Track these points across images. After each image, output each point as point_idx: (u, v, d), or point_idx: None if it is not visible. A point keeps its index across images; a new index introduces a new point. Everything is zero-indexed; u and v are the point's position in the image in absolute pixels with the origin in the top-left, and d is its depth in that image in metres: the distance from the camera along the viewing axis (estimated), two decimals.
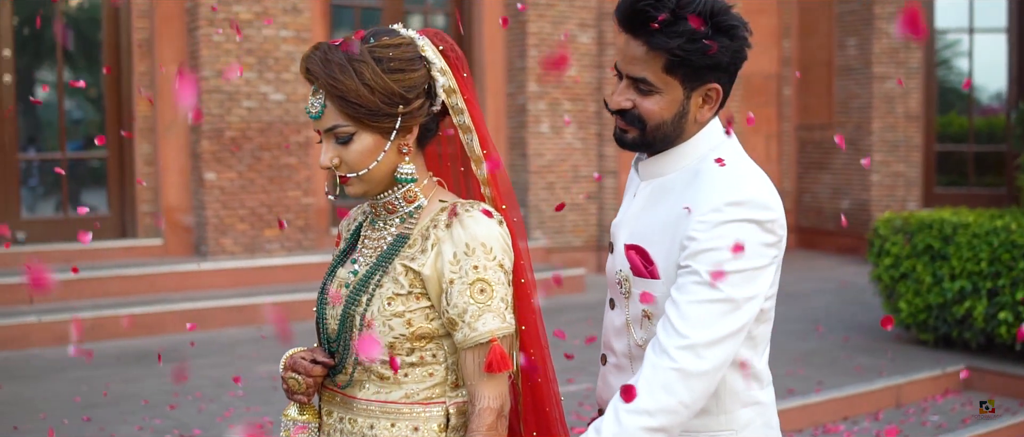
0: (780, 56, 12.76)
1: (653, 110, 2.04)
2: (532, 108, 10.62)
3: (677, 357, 1.90)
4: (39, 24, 9.16)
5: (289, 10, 9.25)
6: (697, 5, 1.97)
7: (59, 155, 9.24)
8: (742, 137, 12.11)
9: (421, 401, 2.03)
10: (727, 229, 1.93)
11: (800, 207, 12.99)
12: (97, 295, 8.18)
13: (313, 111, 1.99)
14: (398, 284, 2.00)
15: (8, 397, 6.04)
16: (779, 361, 6.78)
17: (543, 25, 10.61)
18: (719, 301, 1.91)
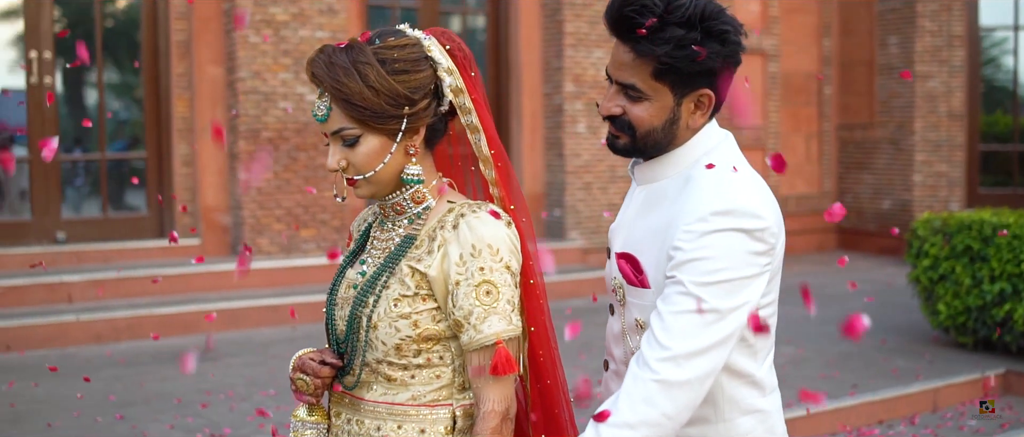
0: (820, 55, 12.62)
1: (643, 117, 2.00)
2: (568, 108, 10.58)
3: (657, 368, 1.86)
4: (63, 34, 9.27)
5: (325, 11, 9.29)
6: (686, 10, 1.92)
7: (99, 156, 9.34)
8: (785, 138, 12.06)
9: (428, 403, 2.02)
10: (713, 239, 1.89)
11: None
12: (134, 295, 8.26)
13: (319, 114, 1.99)
14: (404, 285, 1.99)
15: (44, 395, 6.11)
16: (814, 364, 6.74)
17: (580, 25, 10.57)
18: (704, 312, 1.87)
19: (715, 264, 1.87)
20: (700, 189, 1.96)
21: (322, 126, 2.01)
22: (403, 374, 2.02)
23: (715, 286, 1.87)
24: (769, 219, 1.93)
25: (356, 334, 2.03)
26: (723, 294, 1.87)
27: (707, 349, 1.87)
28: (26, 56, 8.73)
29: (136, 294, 8.27)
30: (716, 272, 1.87)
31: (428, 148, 2.10)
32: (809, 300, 1.87)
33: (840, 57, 12.70)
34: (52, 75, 8.83)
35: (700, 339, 1.86)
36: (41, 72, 8.77)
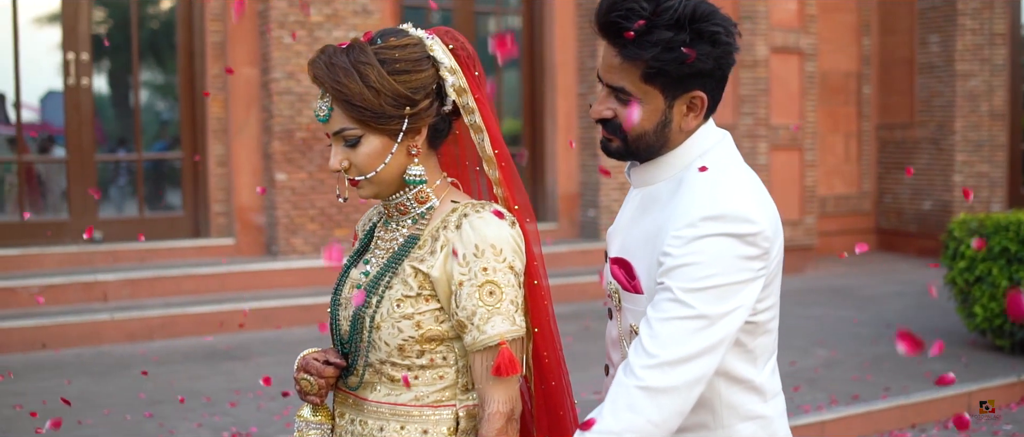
0: (860, 54, 12.47)
1: (634, 120, 1.96)
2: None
3: (643, 375, 1.82)
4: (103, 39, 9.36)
5: (359, 12, 9.32)
6: (675, 12, 1.88)
7: (136, 156, 9.44)
8: (823, 137, 11.93)
9: (431, 404, 2.02)
10: (702, 244, 1.85)
11: (880, 208, 12.69)
12: (169, 293, 8.34)
13: (320, 114, 1.99)
14: (407, 286, 1.99)
15: (77, 392, 6.18)
16: (846, 366, 6.66)
17: None
18: (691, 318, 1.83)
19: (704, 270, 1.84)
20: (691, 193, 1.92)
21: (324, 126, 2.01)
22: (406, 375, 2.02)
23: (704, 292, 1.83)
24: (762, 223, 1.89)
25: (359, 334, 2.03)
26: (712, 300, 1.84)
27: (695, 355, 1.83)
28: (64, 58, 8.83)
29: (170, 293, 8.34)
30: (705, 278, 1.83)
31: (431, 148, 2.09)
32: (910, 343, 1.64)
33: (880, 56, 12.55)
34: (89, 76, 8.93)
35: (687, 345, 1.83)
36: (79, 74, 8.88)
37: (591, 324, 8.33)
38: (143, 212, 9.34)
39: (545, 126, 10.86)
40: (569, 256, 10.19)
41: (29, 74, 8.86)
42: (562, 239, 10.72)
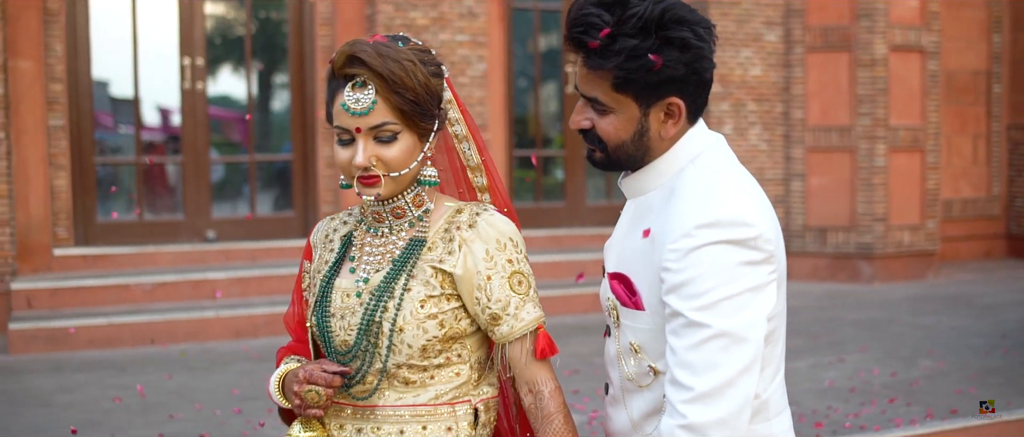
0: (989, 52, 11.92)
1: (609, 130, 1.92)
2: (714, 109, 10.35)
3: (685, 411, 1.76)
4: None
5: (465, 15, 9.38)
6: (640, 19, 1.82)
7: (247, 158, 9.70)
8: (949, 138, 11.44)
9: (449, 401, 2.03)
10: (700, 255, 1.77)
11: (1011, 213, 12.10)
12: (276, 292, 8.53)
13: (361, 107, 1.92)
14: (429, 286, 1.99)
15: (175, 387, 6.38)
16: (951, 378, 6.37)
17: (726, 24, 10.33)
18: (714, 337, 1.75)
19: (707, 283, 1.76)
20: (683, 201, 1.86)
21: (359, 120, 1.93)
22: (422, 376, 2.01)
23: (715, 308, 1.75)
24: (760, 225, 1.81)
25: (374, 340, 1.99)
26: (727, 314, 1.76)
27: (734, 379, 1.76)
28: (180, 63, 9.14)
29: (277, 292, 8.54)
30: (710, 292, 1.76)
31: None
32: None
33: (1012, 53, 11.97)
34: (204, 80, 9.22)
35: (723, 370, 1.75)
36: (194, 78, 9.17)
37: None
38: (255, 212, 9.60)
39: None
40: None
41: (147, 78, 9.19)
42: None
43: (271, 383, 2.10)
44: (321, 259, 2.15)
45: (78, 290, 8.07)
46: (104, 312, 7.82)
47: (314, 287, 2.11)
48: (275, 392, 2.09)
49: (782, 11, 10.53)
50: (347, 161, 1.97)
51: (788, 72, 10.57)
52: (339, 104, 1.94)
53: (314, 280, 2.12)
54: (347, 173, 1.99)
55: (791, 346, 7.40)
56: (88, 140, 8.92)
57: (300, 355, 2.16)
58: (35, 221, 8.45)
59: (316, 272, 2.13)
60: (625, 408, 2.02)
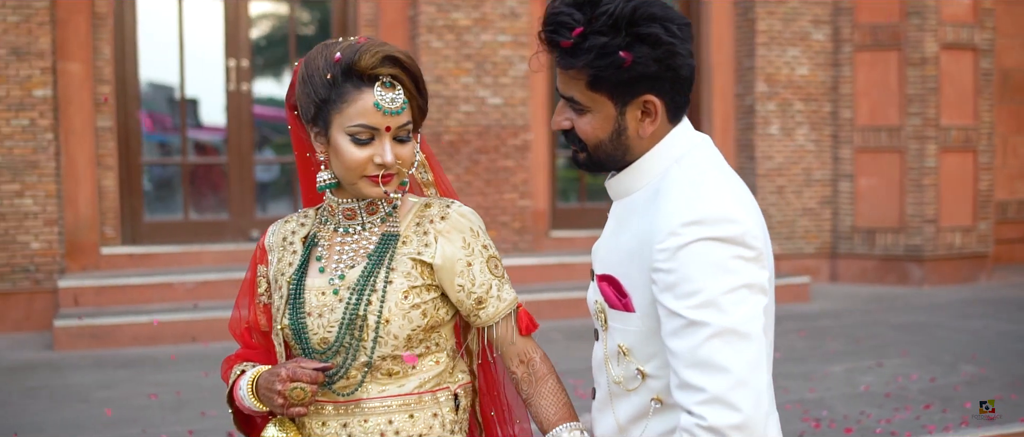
0: None
1: (587, 130, 1.91)
2: (760, 109, 10.25)
3: (703, 413, 1.72)
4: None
5: (507, 15, 9.38)
6: (610, 17, 1.81)
7: (291, 158, 9.81)
8: (1005, 138, 11.19)
9: (432, 389, 2.09)
10: (688, 254, 1.75)
11: None
12: None
13: (396, 106, 1.98)
14: (411, 277, 2.04)
15: (211, 384, 6.45)
16: (992, 385, 6.22)
17: (773, 22, 10.21)
18: (716, 335, 1.72)
19: (700, 280, 1.74)
20: (668, 200, 1.83)
21: (391, 119, 1.99)
22: (405, 366, 2.06)
23: (713, 305, 1.73)
24: (746, 222, 1.78)
25: (358, 334, 2.02)
26: (727, 310, 1.72)
27: (745, 378, 1.71)
28: (226, 64, 9.26)
29: None
30: (705, 289, 1.73)
31: None
32: None
33: None
34: (249, 82, 9.33)
35: (732, 370, 1.71)
36: (239, 79, 9.29)
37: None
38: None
39: (701, 128, 10.62)
40: None
41: (193, 80, 9.34)
42: None
43: (242, 388, 2.09)
44: (283, 261, 2.15)
45: (124, 288, 8.21)
46: (148, 310, 7.95)
47: (281, 289, 2.12)
48: (248, 397, 2.08)
49: (830, 9, 10.38)
50: (366, 160, 1.98)
51: (836, 71, 10.43)
52: (369, 103, 1.97)
53: (278, 282, 2.13)
54: (359, 171, 2.00)
55: (830, 350, 7.30)
56: (135, 141, 9.07)
57: (253, 361, 2.17)
58: (83, 220, 8.62)
59: (279, 274, 2.13)
60: (612, 412, 2.01)
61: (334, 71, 1.99)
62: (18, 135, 8.16)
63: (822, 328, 8.19)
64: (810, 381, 6.38)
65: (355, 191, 2.04)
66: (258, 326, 2.19)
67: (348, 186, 2.04)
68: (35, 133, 8.20)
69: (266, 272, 2.18)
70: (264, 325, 2.18)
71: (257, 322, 2.19)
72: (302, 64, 2.06)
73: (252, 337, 2.20)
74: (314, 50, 2.06)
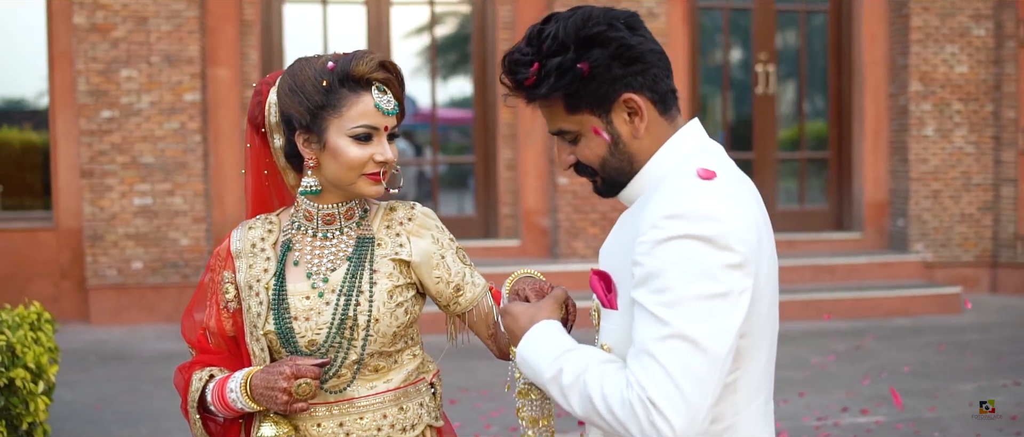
0: None
1: (587, 154, 1.88)
2: (915, 109, 9.78)
3: (640, 413, 1.66)
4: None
5: (645, 16, 9.26)
6: (555, 38, 1.81)
7: (430, 160, 9.99)
8: None
9: (414, 381, 2.21)
10: (667, 248, 1.69)
11: None
12: None
13: (391, 107, 2.11)
14: (393, 277, 2.14)
15: None
16: None
17: (929, 18, 9.73)
18: (672, 337, 1.65)
19: (673, 278, 1.67)
20: (659, 195, 1.79)
21: (389, 119, 2.12)
22: (389, 361, 2.16)
23: (679, 306, 1.66)
24: (731, 223, 1.70)
25: (348, 334, 2.10)
26: (692, 317, 1.66)
27: (686, 391, 1.64)
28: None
29: None
30: (676, 288, 1.67)
31: None
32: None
33: None
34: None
35: (675, 378, 1.64)
36: None
37: (867, 343, 7.79)
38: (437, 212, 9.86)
39: (852, 129, 10.25)
40: (870, 268, 9.56)
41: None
42: (867, 250, 10.09)
43: (233, 391, 2.12)
44: (255, 268, 2.19)
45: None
46: None
47: (258, 295, 2.16)
48: (242, 398, 2.10)
49: (992, 3, 9.81)
50: (367, 158, 2.09)
51: (998, 69, 9.84)
52: (370, 105, 2.09)
53: (254, 289, 2.17)
54: (360, 170, 2.10)
55: (966, 366, 6.92)
56: None
57: (215, 366, 2.21)
58: (230, 218, 9.02)
59: (252, 280, 2.17)
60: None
61: (330, 78, 2.08)
62: (170, 138, 8.62)
63: (964, 342, 7.76)
64: (933, 399, 6.06)
65: (352, 190, 2.13)
66: (222, 331, 2.22)
67: (345, 187, 2.12)
68: (185, 135, 8.65)
69: (233, 278, 2.20)
70: (230, 330, 2.21)
71: (221, 327, 2.22)
72: (284, 78, 2.14)
73: (209, 341, 2.24)
74: (294, 65, 2.14)
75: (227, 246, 2.24)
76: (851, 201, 10.33)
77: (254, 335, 2.15)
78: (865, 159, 10.14)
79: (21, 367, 3.97)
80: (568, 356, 1.79)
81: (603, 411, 1.71)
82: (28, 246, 8.98)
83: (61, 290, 8.94)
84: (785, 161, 10.56)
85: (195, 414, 2.20)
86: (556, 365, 1.79)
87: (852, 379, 6.60)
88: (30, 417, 3.99)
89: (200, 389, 2.18)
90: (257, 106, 2.21)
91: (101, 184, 8.62)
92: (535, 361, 1.83)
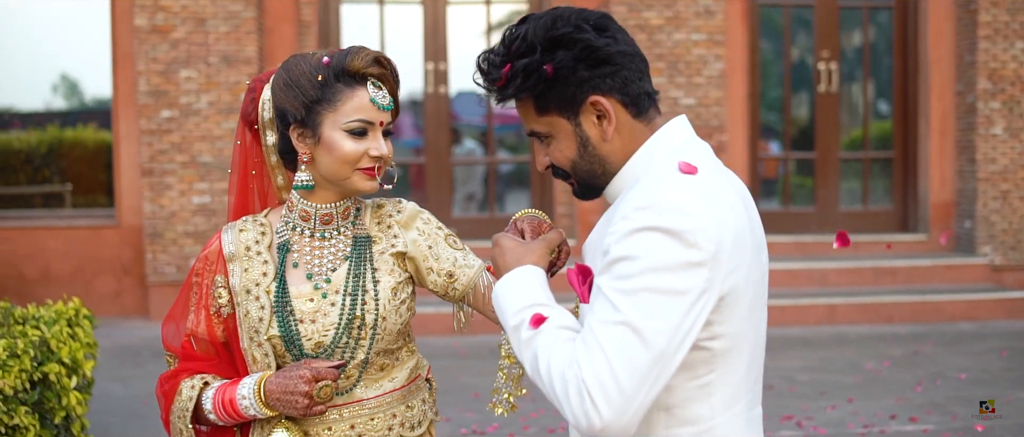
0: None
1: (558, 156, 1.88)
2: (983, 107, 9.50)
3: (573, 394, 1.63)
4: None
5: (701, 13, 9.17)
6: (524, 40, 1.80)
7: (484, 160, 9.98)
8: None
9: (414, 378, 2.24)
10: (633, 238, 1.66)
11: None
12: None
13: (386, 103, 2.11)
14: (395, 273, 2.15)
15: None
16: None
17: (998, 14, 9.44)
18: (619, 324, 1.62)
19: (632, 267, 1.64)
20: (638, 187, 1.77)
21: (384, 114, 2.12)
22: (391, 359, 2.18)
23: (633, 296, 1.63)
24: (701, 219, 1.66)
25: (356, 333, 2.10)
26: (643, 309, 1.62)
27: (622, 382, 1.61)
28: (424, 67, 9.55)
29: None
30: (635, 277, 1.64)
31: None
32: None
33: None
34: (446, 84, 9.58)
35: (614, 365, 1.61)
36: (437, 82, 9.56)
37: (926, 348, 7.59)
38: (493, 212, 9.85)
39: (918, 128, 10.00)
40: (935, 271, 9.33)
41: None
42: (932, 252, 9.83)
43: (245, 398, 2.08)
44: (252, 271, 2.15)
45: None
46: None
47: (258, 299, 2.12)
48: (256, 404, 2.07)
49: None
50: (362, 153, 2.08)
51: None
52: (366, 99, 2.09)
53: (253, 293, 2.13)
54: (354, 164, 2.09)
55: None
56: None
57: (206, 373, 2.16)
58: None
59: (251, 284, 2.13)
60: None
61: (325, 73, 2.08)
62: (228, 137, 8.74)
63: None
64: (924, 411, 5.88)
65: (346, 186, 2.11)
66: (213, 337, 2.16)
67: (339, 181, 2.10)
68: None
69: (226, 282, 2.15)
70: (222, 336, 2.16)
71: (212, 333, 2.16)
72: (279, 74, 2.14)
73: (195, 348, 2.18)
74: (288, 61, 2.14)
75: (218, 249, 2.18)
76: (916, 202, 10.08)
77: (255, 340, 2.11)
78: (931, 159, 9.89)
79: (56, 362, 4.04)
80: (536, 311, 1.77)
81: (545, 380, 1.70)
82: (93, 243, 9.19)
83: (123, 286, 9.13)
84: (848, 161, 10.34)
85: (186, 424, 2.13)
86: (520, 316, 1.77)
87: (905, 385, 6.44)
88: (62, 411, 4.06)
89: (194, 397, 2.13)
90: (251, 103, 2.19)
91: (161, 183, 8.78)
92: (505, 305, 1.81)
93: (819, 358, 7.32)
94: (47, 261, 9.12)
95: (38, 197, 10.65)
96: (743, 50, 9.61)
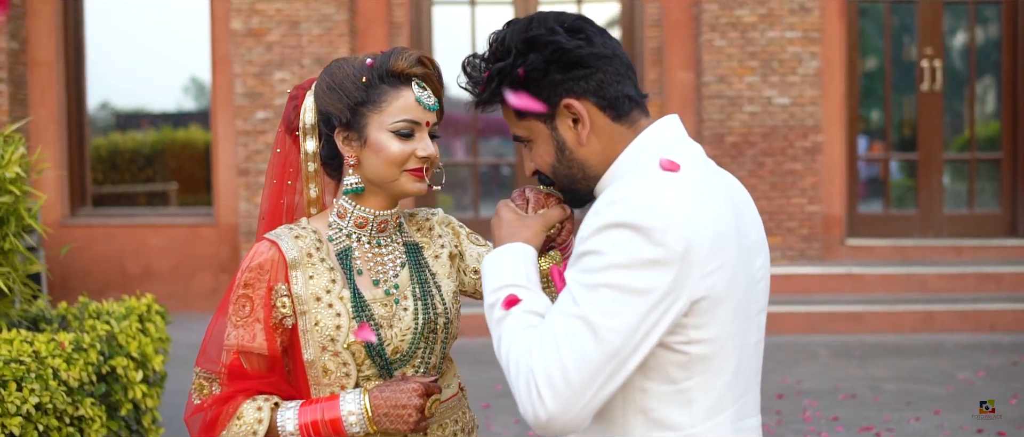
0: None
1: (539, 160, 1.87)
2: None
3: (522, 384, 1.62)
4: None
5: (796, 10, 8.97)
6: (503, 43, 1.81)
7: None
8: None
9: (462, 385, 2.28)
10: (602, 234, 1.63)
11: None
12: None
13: (432, 103, 2.11)
14: (452, 277, 2.21)
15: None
16: None
17: None
18: (575, 318, 1.61)
19: (596, 262, 1.62)
20: (612, 185, 1.75)
21: (431, 115, 2.11)
22: (444, 364, 2.20)
23: (594, 292, 1.61)
24: (673, 217, 1.61)
25: (431, 336, 2.13)
26: (601, 305, 1.60)
27: (571, 378, 1.59)
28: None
29: None
30: (599, 272, 1.61)
31: None
32: None
33: None
34: None
35: (565, 360, 1.59)
36: None
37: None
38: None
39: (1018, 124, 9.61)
40: None
41: None
42: None
43: (353, 414, 2.01)
44: (319, 277, 2.08)
45: None
46: None
47: (332, 307, 2.06)
48: (364, 420, 2.01)
49: None
50: (409, 153, 2.06)
51: None
52: (411, 100, 2.08)
53: (324, 300, 2.06)
54: (402, 165, 2.07)
55: None
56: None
57: (267, 392, 2.06)
58: None
59: (321, 291, 2.07)
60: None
61: (369, 75, 2.07)
62: None
63: None
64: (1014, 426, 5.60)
65: (395, 188, 2.08)
66: (274, 351, 2.06)
67: (387, 184, 2.08)
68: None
69: (288, 290, 2.06)
70: (281, 349, 2.08)
71: (273, 346, 2.06)
72: (322, 78, 2.12)
73: (246, 365, 2.06)
74: (331, 66, 2.13)
75: (276, 257, 2.07)
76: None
77: (329, 349, 2.05)
78: None
79: (123, 356, 4.15)
80: (512, 291, 1.76)
81: (504, 364, 1.70)
82: (192, 241, 9.45)
83: (220, 283, 9.36)
84: (953, 162, 9.98)
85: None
86: (496, 295, 1.77)
87: (998, 398, 6.16)
88: (129, 404, 4.17)
89: (263, 419, 2.01)
90: (293, 110, 2.16)
91: (256, 182, 8.98)
92: (488, 281, 1.81)
93: (911, 367, 7.07)
94: (149, 258, 9.41)
95: (144, 195, 11.01)
96: (841, 48, 9.35)
